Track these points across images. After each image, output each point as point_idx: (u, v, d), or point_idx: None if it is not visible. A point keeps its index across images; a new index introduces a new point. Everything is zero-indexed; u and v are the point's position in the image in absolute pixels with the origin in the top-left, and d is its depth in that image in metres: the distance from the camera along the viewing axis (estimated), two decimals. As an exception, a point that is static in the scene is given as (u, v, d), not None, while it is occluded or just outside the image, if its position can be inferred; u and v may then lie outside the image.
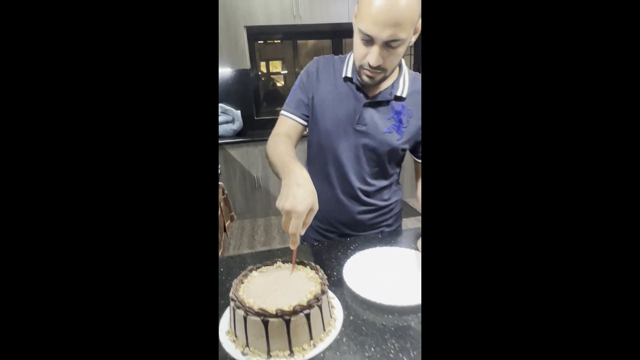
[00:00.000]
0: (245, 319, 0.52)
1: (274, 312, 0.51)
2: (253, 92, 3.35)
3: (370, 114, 0.85)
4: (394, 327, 0.58)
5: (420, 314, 0.60)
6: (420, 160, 0.95)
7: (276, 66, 3.55)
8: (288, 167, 0.67)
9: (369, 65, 0.74)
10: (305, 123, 0.92)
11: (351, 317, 0.60)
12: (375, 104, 0.85)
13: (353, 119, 0.85)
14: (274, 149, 0.80)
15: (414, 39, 0.74)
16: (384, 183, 0.94)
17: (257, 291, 0.59)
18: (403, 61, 0.87)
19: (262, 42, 3.38)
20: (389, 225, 1.01)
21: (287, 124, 0.90)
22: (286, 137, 0.86)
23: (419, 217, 3.01)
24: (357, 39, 0.74)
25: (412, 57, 3.58)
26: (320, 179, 0.94)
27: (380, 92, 0.85)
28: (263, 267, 0.66)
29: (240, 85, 3.27)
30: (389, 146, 0.87)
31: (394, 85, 0.85)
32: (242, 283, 0.62)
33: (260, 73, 3.44)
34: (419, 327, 0.57)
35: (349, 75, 0.86)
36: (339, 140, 0.88)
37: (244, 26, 2.79)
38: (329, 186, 0.93)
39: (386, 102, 0.85)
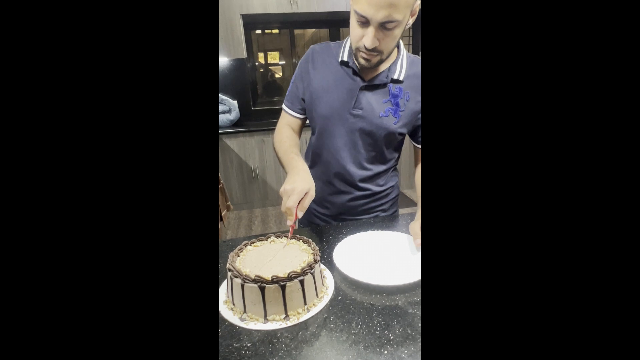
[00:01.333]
0: (242, 286, 0.54)
1: (270, 279, 0.53)
2: (250, 82, 3.34)
3: (367, 97, 0.85)
4: (381, 306, 0.59)
5: (407, 294, 0.61)
6: (419, 145, 0.94)
7: (274, 57, 3.53)
8: (292, 164, 0.79)
9: (365, 48, 0.74)
10: (302, 116, 0.95)
11: (339, 297, 0.61)
12: (371, 87, 0.85)
13: (349, 102, 0.86)
14: (280, 145, 0.89)
15: (411, 21, 0.74)
16: (381, 168, 0.95)
17: (252, 262, 0.61)
18: (402, 44, 0.86)
19: (259, 32, 3.36)
20: (384, 211, 1.02)
21: (287, 117, 0.96)
22: (290, 130, 0.94)
23: (414, 207, 3.04)
24: (353, 21, 0.75)
25: (411, 39, 3.57)
26: (318, 163, 0.96)
27: (377, 76, 0.85)
28: (257, 242, 0.69)
29: (237, 75, 3.26)
30: (385, 130, 0.86)
31: (391, 68, 0.84)
32: (238, 256, 0.64)
33: (257, 64, 3.43)
34: (405, 306, 0.58)
35: (346, 59, 0.86)
36: (335, 124, 0.88)
37: (240, 14, 2.78)
38: (326, 170, 0.94)
39: (383, 85, 0.85)
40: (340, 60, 0.87)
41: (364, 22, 0.71)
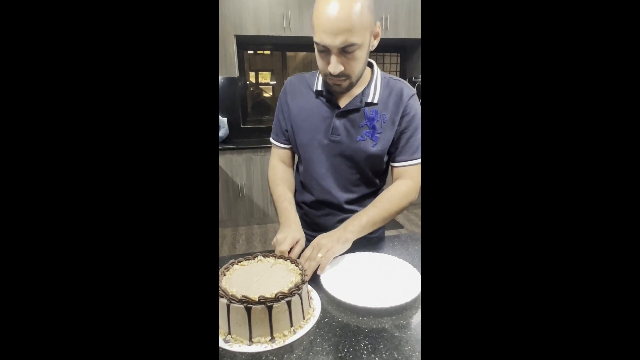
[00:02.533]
0: (228, 306, 0.53)
1: (257, 299, 0.52)
2: (240, 100, 3.37)
3: (343, 123, 0.87)
4: (367, 329, 0.58)
5: (393, 317, 0.61)
6: (396, 164, 0.94)
7: (265, 77, 3.59)
8: (284, 215, 0.86)
9: (331, 75, 0.77)
10: (289, 146, 0.99)
11: (326, 319, 0.60)
12: (346, 112, 0.87)
13: (327, 130, 0.88)
14: (274, 188, 0.94)
15: (375, 42, 0.78)
16: (366, 190, 0.96)
17: (238, 282, 0.60)
18: (376, 66, 0.89)
19: (251, 52, 3.43)
20: (371, 232, 1.03)
21: (277, 150, 1.01)
22: (282, 167, 0.99)
23: (400, 229, 3.06)
24: (316, 51, 0.78)
25: (398, 66, 3.69)
26: (305, 188, 0.98)
27: (350, 101, 0.86)
28: (244, 261, 0.68)
29: (228, 93, 3.29)
30: (364, 153, 0.88)
31: (365, 91, 0.86)
32: (224, 275, 0.63)
33: (248, 82, 3.47)
34: (392, 329, 0.58)
35: (320, 88, 0.89)
36: (316, 151, 0.90)
37: (234, 35, 2.84)
38: (312, 195, 0.96)
39: (357, 110, 0.86)
40: (315, 90, 0.90)
41: (324, 51, 0.75)
